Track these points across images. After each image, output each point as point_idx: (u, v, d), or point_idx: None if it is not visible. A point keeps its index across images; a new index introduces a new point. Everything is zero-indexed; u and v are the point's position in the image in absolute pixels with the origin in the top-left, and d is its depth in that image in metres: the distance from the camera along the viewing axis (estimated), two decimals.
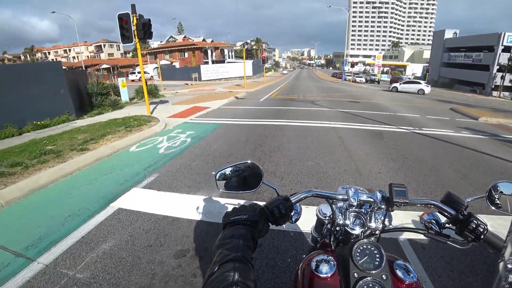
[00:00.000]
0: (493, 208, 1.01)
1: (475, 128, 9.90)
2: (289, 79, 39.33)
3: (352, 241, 0.89)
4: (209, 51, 45.11)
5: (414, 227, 0.99)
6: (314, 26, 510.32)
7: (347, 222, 0.94)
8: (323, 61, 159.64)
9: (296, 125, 7.68)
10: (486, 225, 0.87)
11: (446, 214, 0.94)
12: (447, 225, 0.96)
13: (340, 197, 0.96)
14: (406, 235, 2.82)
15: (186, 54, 44.02)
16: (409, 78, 37.38)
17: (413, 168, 5.05)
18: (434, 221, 0.98)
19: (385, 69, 67.72)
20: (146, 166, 4.69)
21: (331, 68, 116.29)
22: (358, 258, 0.79)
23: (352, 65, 43.68)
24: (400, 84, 26.34)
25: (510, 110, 18.57)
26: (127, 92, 12.98)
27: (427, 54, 63.46)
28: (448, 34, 50.99)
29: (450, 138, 7.82)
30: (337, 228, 0.99)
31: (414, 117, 11.22)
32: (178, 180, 4.13)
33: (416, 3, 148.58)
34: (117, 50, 70.71)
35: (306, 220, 1.59)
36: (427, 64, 54.87)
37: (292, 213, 0.95)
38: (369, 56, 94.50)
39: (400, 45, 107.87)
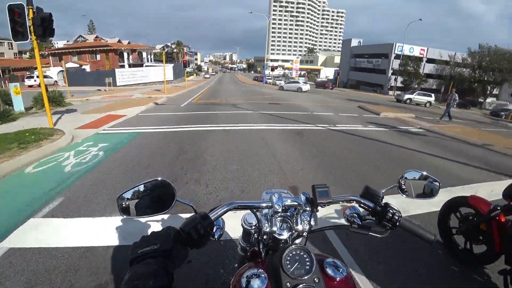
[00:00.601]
0: (403, 195, 1.13)
1: (378, 122, 11.37)
2: (211, 83, 39.11)
3: (281, 248, 0.85)
4: (125, 54, 41.70)
5: (338, 223, 1.02)
6: (237, 31, 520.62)
7: (274, 228, 0.92)
8: (245, 65, 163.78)
9: (219, 130, 7.58)
10: (400, 213, 0.94)
11: (365, 207, 1.00)
12: (367, 217, 1.01)
13: (264, 205, 0.93)
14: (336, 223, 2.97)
15: (99, 56, 39.38)
16: (293, 79, 42.29)
17: (332, 162, 5.49)
18: (355, 215, 1.02)
19: (302, 72, 72.99)
20: (47, 189, 3.90)
21: (252, 72, 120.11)
22: (289, 266, 0.77)
23: (272, 69, 45.93)
24: (285, 83, 30.62)
25: (402, 107, 21.95)
26: (21, 100, 10.71)
27: (337, 59, 71.20)
28: (354, 43, 59.15)
29: (360, 132, 8.81)
30: (265, 236, 0.95)
31: (329, 115, 12.28)
32: (89, 202, 3.56)
33: (328, 14, 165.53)
34: (9, 48, 57.89)
35: (237, 226, 1.49)
36: (338, 68, 61.91)
37: (214, 230, 0.88)
38: (287, 61, 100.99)
39: (315, 51, 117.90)
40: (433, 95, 29.59)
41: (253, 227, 1.01)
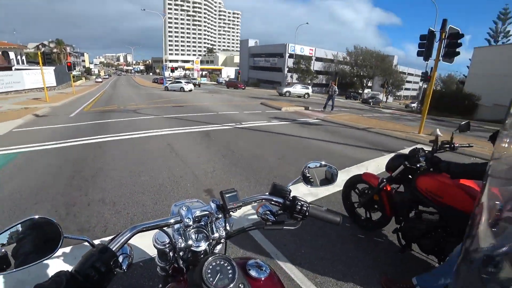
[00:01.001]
0: (308, 186, 1.20)
1: (280, 117, 12.23)
2: (105, 87, 35.13)
3: (200, 261, 0.79)
4: None
5: (254, 222, 1.02)
6: (129, 29, 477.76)
7: (190, 242, 0.86)
8: (142, 67, 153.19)
9: (119, 139, 6.82)
10: (307, 203, 0.99)
11: (275, 203, 1.04)
12: (279, 212, 1.04)
13: (173, 220, 0.86)
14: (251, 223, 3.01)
15: None
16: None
17: (242, 160, 5.60)
18: (268, 212, 1.03)
19: (204, 72, 72.78)
20: None
21: (151, 73, 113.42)
22: (211, 279, 0.73)
23: (172, 70, 44.13)
24: (169, 84, 30.85)
25: (300, 100, 24.17)
26: None
27: (237, 59, 73.59)
28: (251, 43, 62.37)
29: (265, 127, 9.30)
30: (181, 252, 0.88)
31: (235, 113, 12.58)
32: None
33: (224, 15, 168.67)
34: None
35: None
36: (238, 68, 64.11)
37: (121, 260, 0.76)
38: (188, 61, 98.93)
39: (215, 51, 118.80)
40: (310, 87, 33.41)
41: (167, 245, 0.91)
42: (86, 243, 0.73)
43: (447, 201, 2.17)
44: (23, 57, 36.70)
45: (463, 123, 2.67)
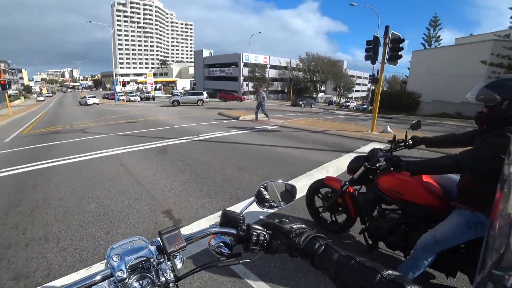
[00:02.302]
0: (264, 209, 1.06)
1: (238, 126, 12.19)
2: (48, 106, 32.49)
3: None
4: None
5: (205, 263, 0.85)
6: (75, 43, 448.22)
7: None
8: (90, 82, 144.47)
9: (65, 164, 6.20)
10: (266, 231, 0.85)
11: (228, 236, 0.89)
12: (233, 243, 0.90)
13: (99, 277, 0.68)
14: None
15: None
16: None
17: (201, 174, 5.41)
18: (222, 244, 0.89)
19: (158, 85, 70.78)
20: None
21: (101, 89, 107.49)
22: None
23: (124, 84, 42.38)
24: (81, 99, 34.55)
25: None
26: None
27: (192, 70, 72.87)
28: (206, 53, 62.31)
29: (223, 138, 9.18)
30: None
31: (191, 126, 12.29)
32: None
33: (177, 26, 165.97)
34: None
35: None
36: (193, 79, 63.53)
37: None
38: (140, 75, 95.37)
39: (168, 63, 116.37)
40: (205, 93, 32.33)
41: None
42: None
43: (408, 197, 2.27)
44: None
45: (414, 122, 2.80)
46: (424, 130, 11.25)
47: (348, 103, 41.41)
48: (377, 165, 2.39)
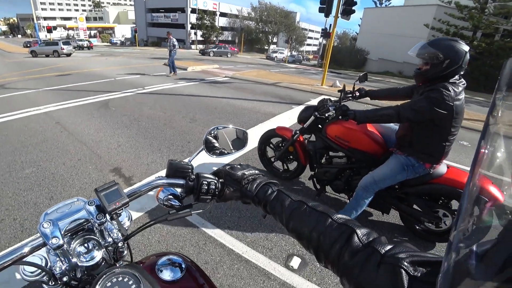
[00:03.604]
0: (213, 156, 0.99)
1: (187, 77, 11.56)
2: None
3: (93, 282, 0.59)
4: None
5: (154, 218, 0.79)
6: None
7: (74, 259, 0.63)
8: (4, 27, 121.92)
9: None
10: (216, 179, 0.80)
11: (177, 187, 0.82)
12: (183, 194, 0.83)
13: (28, 248, 0.58)
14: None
15: None
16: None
17: (149, 128, 5.14)
18: (171, 197, 0.81)
19: (93, 32, 62.78)
20: None
21: (19, 35, 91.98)
22: None
23: (49, 29, 36.53)
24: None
25: (206, 59, 23.29)
26: None
27: (132, 15, 64.73)
28: None
29: (171, 90, 8.70)
30: (64, 278, 0.61)
31: (136, 77, 11.34)
32: None
33: None
34: None
35: None
36: (134, 25, 56.85)
37: None
38: (69, 18, 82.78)
39: (103, 5, 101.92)
40: (60, 42, 25.41)
41: (41, 274, 0.62)
42: None
43: (353, 144, 2.48)
44: None
45: (361, 74, 2.89)
46: (369, 85, 11.90)
47: (274, 55, 38.20)
48: (326, 115, 2.49)
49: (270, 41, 52.89)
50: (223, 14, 52.05)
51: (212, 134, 1.01)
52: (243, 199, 0.80)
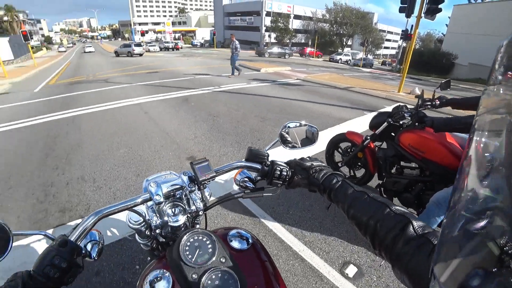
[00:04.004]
0: (287, 148, 1.09)
1: (260, 78, 11.93)
2: (70, 57, 32.61)
3: (177, 238, 0.74)
4: None
5: (234, 190, 0.94)
6: None
7: (165, 218, 0.81)
8: (109, 32, 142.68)
9: (92, 112, 6.41)
10: (287, 167, 0.90)
11: (253, 170, 0.95)
12: (258, 178, 0.95)
13: (140, 200, 0.78)
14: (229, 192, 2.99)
15: None
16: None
17: (223, 124, 5.50)
18: (247, 179, 0.95)
19: (177, 35, 68.99)
20: None
21: (120, 39, 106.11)
22: (190, 256, 0.69)
23: (143, 33, 41.42)
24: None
25: (279, 61, 23.62)
26: None
27: (211, 19, 69.50)
28: (226, 1, 57.85)
29: (245, 90, 9.07)
30: (157, 230, 0.82)
31: (212, 77, 12.17)
32: None
33: None
34: None
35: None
36: (213, 28, 60.71)
37: (90, 249, 0.72)
38: (158, 23, 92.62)
39: (186, 11, 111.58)
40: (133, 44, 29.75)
41: (142, 224, 0.83)
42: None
43: (428, 156, 2.25)
44: None
45: (443, 81, 2.65)
46: (453, 94, 10.64)
47: (338, 57, 34.95)
48: (401, 122, 2.34)
49: (344, 43, 50.70)
50: (297, 17, 51.99)
51: (286, 129, 1.11)
52: (310, 186, 0.85)
